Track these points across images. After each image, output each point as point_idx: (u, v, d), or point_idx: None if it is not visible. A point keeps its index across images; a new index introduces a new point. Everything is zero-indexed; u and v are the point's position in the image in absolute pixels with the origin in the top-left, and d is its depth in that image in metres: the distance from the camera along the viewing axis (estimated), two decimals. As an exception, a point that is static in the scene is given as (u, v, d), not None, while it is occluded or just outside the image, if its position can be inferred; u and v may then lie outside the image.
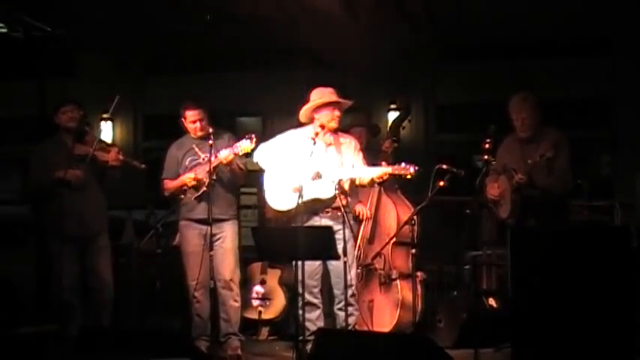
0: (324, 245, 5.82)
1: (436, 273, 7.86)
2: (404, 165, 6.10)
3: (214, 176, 6.43)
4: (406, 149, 10.58)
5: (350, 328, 6.21)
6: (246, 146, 6.36)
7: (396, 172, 6.13)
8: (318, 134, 6.26)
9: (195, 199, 6.57)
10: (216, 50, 11.15)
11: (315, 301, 6.41)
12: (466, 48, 10.98)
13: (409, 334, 6.61)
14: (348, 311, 6.20)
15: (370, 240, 7.16)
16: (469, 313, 6.95)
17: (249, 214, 9.05)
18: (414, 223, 6.69)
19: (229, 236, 6.66)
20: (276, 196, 6.45)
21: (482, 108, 10.02)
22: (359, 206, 7.09)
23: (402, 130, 7.87)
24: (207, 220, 6.37)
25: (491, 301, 7.21)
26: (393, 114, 9.66)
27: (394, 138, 7.53)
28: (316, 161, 6.21)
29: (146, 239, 8.17)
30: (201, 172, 6.50)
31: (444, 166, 6.38)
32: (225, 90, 11.55)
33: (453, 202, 7.79)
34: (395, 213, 7.08)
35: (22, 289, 8.04)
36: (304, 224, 6.20)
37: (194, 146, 6.65)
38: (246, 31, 9.51)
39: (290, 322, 7.46)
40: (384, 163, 6.47)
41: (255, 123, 11.97)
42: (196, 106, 6.67)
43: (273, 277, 7.91)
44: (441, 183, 6.37)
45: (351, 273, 6.37)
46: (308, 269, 6.27)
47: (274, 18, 8.27)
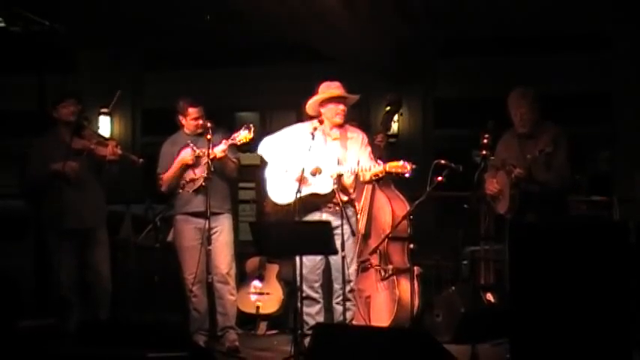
0: (321, 240, 5.82)
1: (434, 268, 7.86)
2: (401, 163, 6.05)
3: (211, 169, 6.44)
4: (404, 144, 10.65)
5: (347, 322, 6.22)
6: (245, 135, 6.38)
7: (393, 171, 6.11)
8: (316, 129, 6.25)
9: (193, 192, 6.57)
10: (215, 46, 11.17)
11: (316, 296, 6.40)
12: (465, 43, 10.99)
13: (407, 329, 6.61)
14: (345, 306, 6.21)
15: (366, 236, 7.15)
16: (467, 308, 6.95)
17: (247, 208, 9.05)
18: (410, 218, 6.71)
19: (225, 230, 6.68)
20: (278, 190, 6.45)
21: (480, 103, 10.03)
22: None
23: (395, 124, 7.85)
24: (204, 214, 6.38)
25: (489, 296, 7.21)
26: (387, 108, 9.65)
27: (386, 132, 7.53)
28: (315, 156, 6.20)
29: (144, 233, 8.18)
30: (201, 155, 6.51)
31: (442, 162, 6.38)
32: (224, 85, 11.59)
33: (451, 197, 7.80)
34: (390, 208, 7.07)
35: (21, 283, 8.03)
36: (303, 219, 6.20)
37: (189, 142, 6.66)
38: (245, 27, 9.51)
39: (289, 317, 7.46)
40: (379, 161, 6.42)
41: (254, 118, 11.99)
42: (198, 103, 6.69)
43: (271, 271, 7.92)
44: (439, 178, 6.38)
45: (351, 269, 6.36)
46: (309, 264, 6.28)
47: (273, 13, 8.26)
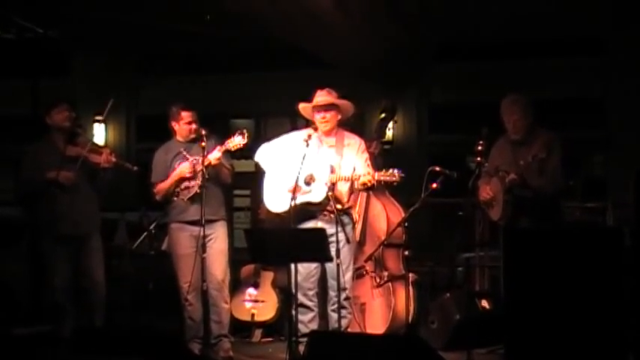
0: (316, 247, 5.81)
1: (429, 274, 7.86)
2: (391, 171, 6.05)
3: (206, 177, 6.43)
4: (399, 150, 10.66)
5: (342, 330, 6.20)
6: (238, 141, 6.37)
7: (382, 179, 6.10)
8: (310, 136, 6.24)
9: (188, 200, 6.56)
10: (210, 52, 11.18)
11: (310, 304, 6.38)
12: (459, 48, 11.00)
13: (402, 335, 6.60)
14: (341, 313, 6.20)
15: (361, 243, 7.13)
16: (462, 314, 6.95)
17: (242, 215, 9.07)
18: (405, 225, 6.70)
19: (220, 237, 6.65)
20: (273, 198, 6.44)
21: (475, 108, 10.04)
22: None
23: (390, 131, 7.85)
24: (199, 222, 6.37)
25: (484, 303, 7.21)
26: (382, 115, 9.66)
27: (381, 139, 7.53)
28: (309, 164, 6.19)
29: (139, 241, 8.17)
30: (197, 165, 6.50)
31: (436, 168, 6.38)
32: (219, 91, 11.58)
33: (446, 203, 7.80)
34: (384, 215, 7.06)
35: (16, 289, 8.03)
36: (298, 226, 6.19)
37: (182, 150, 6.65)
38: (240, 33, 9.52)
39: (283, 324, 7.45)
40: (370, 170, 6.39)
41: (249, 124, 11.98)
42: (190, 108, 6.69)
43: (266, 279, 7.90)
44: (434, 185, 6.38)
45: (346, 276, 6.34)
46: (304, 272, 6.25)
47: (268, 18, 8.27)
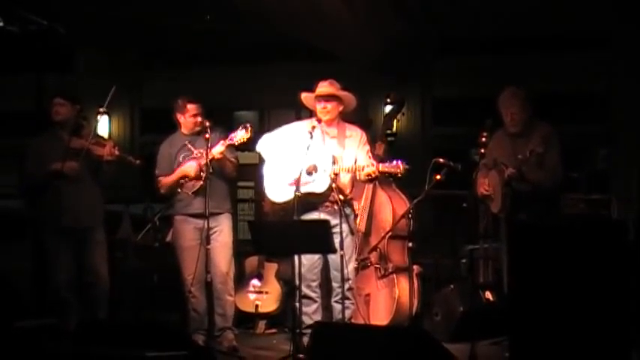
0: (320, 239, 5.82)
1: (433, 267, 7.85)
2: (394, 162, 6.05)
3: (210, 170, 6.44)
4: (403, 143, 10.65)
5: (346, 321, 6.22)
6: (242, 136, 6.36)
7: (386, 171, 6.11)
8: (315, 127, 6.25)
9: (193, 193, 6.56)
10: (214, 45, 11.16)
11: (313, 295, 6.40)
12: (463, 42, 10.99)
13: (406, 327, 6.61)
14: (344, 304, 6.21)
15: (366, 234, 7.14)
16: (466, 306, 6.95)
17: (246, 207, 9.06)
18: (410, 216, 6.70)
19: (225, 230, 6.66)
20: (274, 188, 6.45)
21: (479, 101, 10.01)
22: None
23: (395, 124, 7.85)
24: (204, 215, 6.37)
25: (488, 295, 7.21)
26: (389, 107, 9.66)
27: (388, 131, 7.52)
28: (313, 154, 6.19)
29: (143, 233, 8.18)
30: (201, 159, 6.51)
31: (440, 160, 6.38)
32: (223, 84, 11.57)
33: (450, 195, 7.80)
34: (390, 207, 7.06)
35: (19, 283, 8.04)
36: (301, 218, 6.19)
37: (187, 143, 6.66)
38: (244, 25, 9.51)
39: (287, 316, 7.46)
40: (372, 161, 6.40)
41: (253, 117, 11.99)
42: (195, 100, 6.69)
43: (270, 270, 7.91)
44: (438, 177, 6.38)
45: (349, 267, 6.37)
46: (307, 263, 6.28)
47: (273, 12, 8.26)
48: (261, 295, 7.82)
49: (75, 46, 11.47)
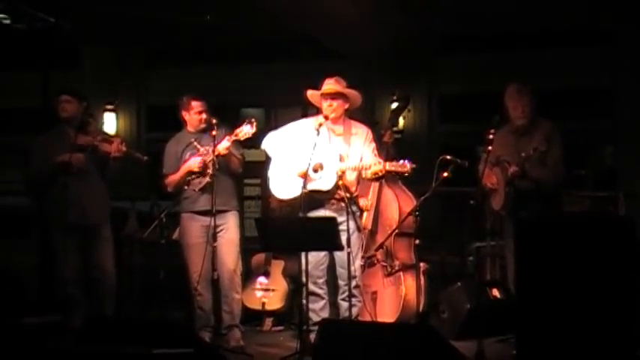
0: (327, 236, 5.83)
1: (440, 264, 7.85)
2: (401, 162, 6.08)
3: (217, 166, 6.44)
4: (410, 140, 10.64)
5: (352, 318, 6.22)
6: (247, 131, 6.36)
7: (393, 170, 6.12)
8: (322, 125, 6.26)
9: (199, 190, 6.57)
10: (220, 42, 11.15)
11: (320, 292, 6.42)
12: (469, 38, 10.98)
13: (412, 324, 6.61)
14: (351, 302, 6.22)
15: (373, 231, 7.14)
16: (473, 303, 6.94)
17: (252, 205, 9.05)
18: (416, 214, 6.70)
19: (232, 227, 6.66)
20: (280, 185, 6.45)
21: (485, 98, 9.98)
22: (361, 200, 7.07)
23: (401, 120, 7.84)
24: (210, 212, 6.37)
25: (495, 292, 7.20)
26: (395, 104, 9.66)
27: (394, 128, 7.51)
28: (319, 152, 6.20)
29: (150, 230, 8.17)
30: (207, 156, 6.51)
31: (447, 157, 6.38)
32: (229, 81, 11.57)
33: (456, 193, 7.79)
34: (397, 204, 7.06)
35: (26, 280, 8.05)
36: (308, 215, 6.20)
37: (193, 140, 6.66)
38: (250, 22, 9.50)
39: (294, 313, 7.46)
40: (379, 160, 6.41)
41: (259, 114, 11.97)
42: (200, 98, 6.69)
43: (276, 267, 7.91)
44: (445, 174, 6.37)
45: (355, 264, 6.38)
46: (313, 260, 6.28)
47: (278, 8, 8.26)
48: (268, 293, 7.82)
49: (81, 44, 11.46)
